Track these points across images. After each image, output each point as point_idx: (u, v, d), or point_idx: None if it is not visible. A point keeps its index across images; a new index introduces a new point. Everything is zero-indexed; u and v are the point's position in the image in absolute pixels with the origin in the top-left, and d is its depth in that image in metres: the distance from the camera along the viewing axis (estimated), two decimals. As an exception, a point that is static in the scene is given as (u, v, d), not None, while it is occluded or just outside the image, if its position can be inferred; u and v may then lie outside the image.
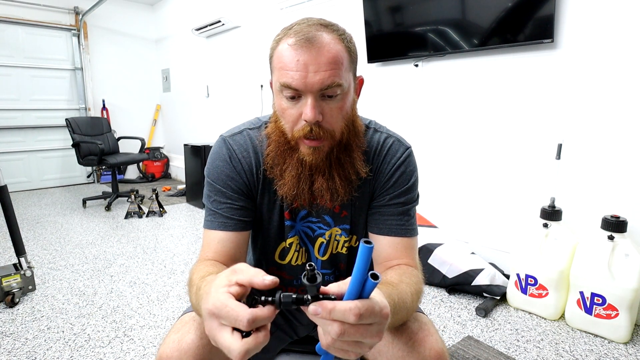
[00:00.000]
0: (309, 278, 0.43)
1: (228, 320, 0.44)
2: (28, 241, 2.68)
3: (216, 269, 0.67)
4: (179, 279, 2.10)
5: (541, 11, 1.71)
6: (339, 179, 0.75)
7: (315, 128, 0.68)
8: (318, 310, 0.43)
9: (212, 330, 0.47)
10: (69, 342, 1.52)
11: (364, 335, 0.45)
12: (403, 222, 0.80)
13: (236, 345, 0.44)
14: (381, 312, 0.45)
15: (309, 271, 0.43)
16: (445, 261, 1.91)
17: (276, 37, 0.72)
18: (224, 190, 0.78)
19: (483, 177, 2.11)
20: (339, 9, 2.70)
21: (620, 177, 1.62)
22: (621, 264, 1.47)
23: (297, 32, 0.67)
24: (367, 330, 0.45)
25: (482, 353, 1.43)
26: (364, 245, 0.41)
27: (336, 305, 0.43)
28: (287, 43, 0.68)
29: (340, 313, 0.43)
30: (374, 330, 0.45)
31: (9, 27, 4.25)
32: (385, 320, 0.46)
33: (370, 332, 0.45)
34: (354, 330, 0.44)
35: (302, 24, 0.69)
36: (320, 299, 0.44)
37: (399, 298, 0.62)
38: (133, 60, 5.18)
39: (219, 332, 0.46)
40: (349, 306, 0.43)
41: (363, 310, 0.43)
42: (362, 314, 0.43)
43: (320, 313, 0.43)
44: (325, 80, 0.66)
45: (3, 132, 4.34)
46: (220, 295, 0.46)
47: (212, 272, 0.65)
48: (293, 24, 0.71)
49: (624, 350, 1.44)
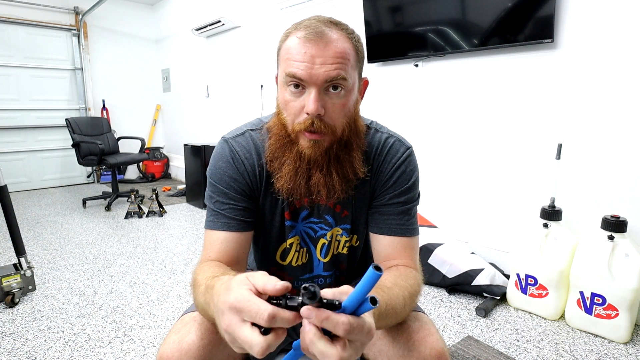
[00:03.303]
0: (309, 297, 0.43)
1: (249, 314, 0.44)
2: (28, 241, 2.68)
3: (222, 270, 0.67)
4: (179, 279, 2.10)
5: (541, 11, 1.71)
6: (337, 176, 0.75)
7: (317, 122, 0.69)
8: (311, 315, 0.43)
9: (232, 325, 0.46)
10: (69, 342, 1.52)
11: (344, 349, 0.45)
12: (403, 221, 0.80)
13: (258, 340, 0.44)
14: (368, 333, 0.46)
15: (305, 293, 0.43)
16: (445, 261, 1.91)
17: (285, 31, 0.73)
18: (226, 191, 0.78)
19: (483, 177, 2.11)
20: (339, 9, 2.70)
21: (620, 177, 1.62)
22: (621, 264, 1.47)
23: (307, 27, 0.68)
24: (350, 345, 0.45)
25: (482, 353, 1.43)
26: (374, 272, 0.41)
27: (329, 316, 0.43)
28: (296, 36, 0.69)
29: (331, 324, 0.43)
30: (355, 347, 0.46)
31: (9, 27, 4.25)
32: (369, 341, 0.47)
33: (352, 348, 0.46)
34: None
35: (312, 20, 0.70)
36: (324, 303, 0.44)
37: (387, 305, 0.62)
38: (133, 60, 5.18)
39: (240, 327, 0.45)
40: (342, 320, 0.43)
41: (354, 327, 0.43)
42: (351, 330, 0.43)
43: (312, 319, 0.43)
44: (330, 72, 0.66)
45: (3, 132, 4.34)
46: (243, 291, 0.46)
47: (219, 272, 0.64)
48: (303, 19, 0.72)
49: (624, 350, 1.45)
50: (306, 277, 0.90)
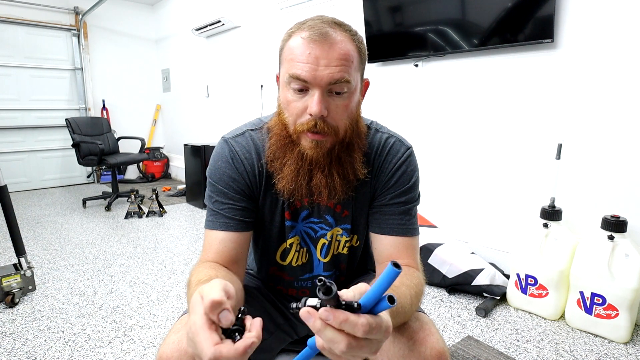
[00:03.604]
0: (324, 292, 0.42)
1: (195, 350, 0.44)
2: (28, 241, 2.68)
3: (213, 272, 0.67)
4: (179, 279, 2.10)
5: (541, 11, 1.71)
6: (338, 177, 0.75)
7: (320, 123, 0.69)
8: (329, 318, 0.43)
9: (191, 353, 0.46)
10: (69, 342, 1.52)
11: (363, 348, 0.45)
12: (404, 221, 0.80)
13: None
14: (386, 331, 0.46)
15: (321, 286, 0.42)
16: (445, 261, 1.91)
17: (288, 31, 0.72)
18: (225, 191, 0.78)
19: (483, 177, 2.11)
20: (339, 9, 2.70)
21: (620, 177, 1.62)
22: (621, 264, 1.47)
23: (311, 27, 0.68)
24: (369, 344, 0.45)
25: (482, 353, 1.43)
26: (393, 269, 0.41)
27: (348, 318, 0.42)
28: (300, 36, 0.68)
29: (350, 326, 0.42)
30: (374, 346, 0.46)
31: (9, 27, 4.25)
32: (387, 339, 0.47)
33: (370, 347, 0.45)
34: (356, 343, 0.44)
35: (316, 20, 0.70)
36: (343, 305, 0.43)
37: (398, 304, 0.62)
38: (133, 60, 5.18)
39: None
40: (361, 321, 0.43)
41: (372, 327, 0.43)
42: (371, 330, 0.43)
43: (331, 321, 0.43)
44: (334, 75, 0.66)
45: (3, 132, 4.34)
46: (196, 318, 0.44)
47: (207, 276, 0.65)
48: (307, 19, 0.71)
49: (624, 350, 1.45)
50: (306, 277, 0.90)
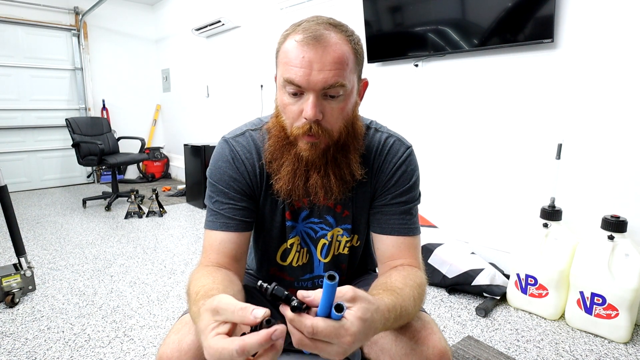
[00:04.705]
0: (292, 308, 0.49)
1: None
2: (28, 241, 2.68)
3: (212, 279, 0.67)
4: (179, 279, 2.09)
5: (541, 11, 1.71)
6: (334, 177, 0.75)
7: (315, 126, 0.69)
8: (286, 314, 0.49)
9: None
10: (69, 342, 1.52)
11: (319, 349, 0.50)
12: (405, 221, 0.80)
13: None
14: (341, 339, 0.49)
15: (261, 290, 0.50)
16: (445, 261, 1.91)
17: (284, 32, 0.72)
18: (226, 191, 0.78)
19: (483, 177, 2.11)
20: (339, 9, 2.70)
21: (620, 177, 1.62)
22: (621, 264, 1.47)
23: (305, 29, 0.67)
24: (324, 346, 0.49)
25: (482, 353, 1.43)
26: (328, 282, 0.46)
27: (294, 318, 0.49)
28: (294, 39, 0.68)
29: (297, 324, 0.49)
30: (330, 349, 0.50)
31: (9, 27, 4.25)
32: (347, 345, 0.49)
33: (327, 350, 0.50)
34: (308, 342, 0.49)
35: (311, 22, 0.69)
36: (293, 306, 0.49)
37: (401, 308, 0.62)
38: (133, 60, 5.18)
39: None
40: (306, 323, 0.48)
41: (318, 330, 0.47)
42: (316, 333, 0.48)
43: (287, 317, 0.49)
44: (328, 79, 0.66)
45: (3, 132, 4.34)
46: (211, 342, 0.47)
47: (208, 284, 0.65)
48: (302, 20, 0.71)
49: (624, 350, 1.45)
50: (306, 277, 0.90)
